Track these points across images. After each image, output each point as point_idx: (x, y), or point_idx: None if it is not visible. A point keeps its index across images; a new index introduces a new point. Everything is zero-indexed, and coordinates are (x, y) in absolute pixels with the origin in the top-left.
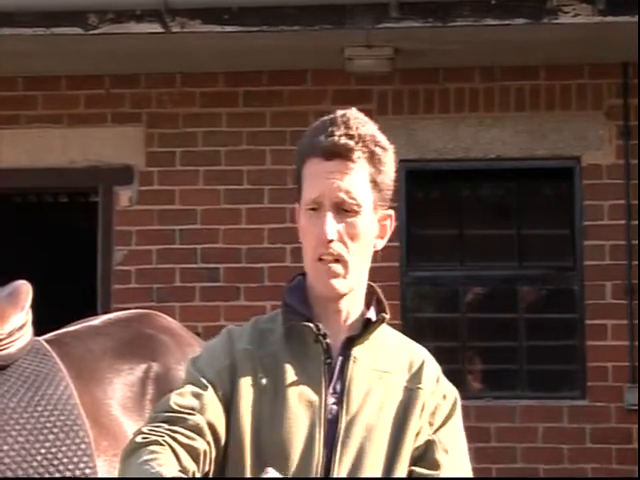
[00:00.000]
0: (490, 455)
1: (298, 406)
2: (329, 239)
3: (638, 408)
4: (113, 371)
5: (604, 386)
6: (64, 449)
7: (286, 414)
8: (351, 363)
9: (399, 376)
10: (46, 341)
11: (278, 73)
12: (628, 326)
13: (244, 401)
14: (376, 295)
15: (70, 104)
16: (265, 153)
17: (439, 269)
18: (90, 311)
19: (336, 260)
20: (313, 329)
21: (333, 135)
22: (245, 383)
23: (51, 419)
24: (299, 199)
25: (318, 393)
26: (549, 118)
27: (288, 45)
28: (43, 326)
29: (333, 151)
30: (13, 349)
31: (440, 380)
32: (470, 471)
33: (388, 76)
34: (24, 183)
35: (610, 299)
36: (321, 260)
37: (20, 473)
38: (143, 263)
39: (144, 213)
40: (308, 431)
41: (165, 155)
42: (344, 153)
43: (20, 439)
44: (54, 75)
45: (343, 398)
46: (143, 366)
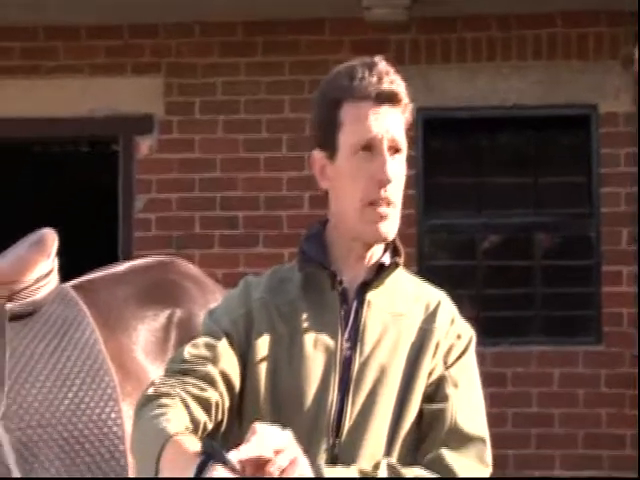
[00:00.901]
0: (506, 400)
1: (314, 351)
2: (389, 180)
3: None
4: (138, 317)
5: (619, 332)
6: (90, 393)
7: (302, 359)
8: (365, 307)
9: (415, 318)
10: (72, 288)
11: (296, 23)
12: (635, 272)
13: (260, 348)
14: (393, 241)
15: (90, 54)
16: (284, 102)
17: (456, 217)
18: (112, 258)
19: (388, 203)
20: (329, 276)
21: (382, 81)
22: (261, 331)
23: (78, 364)
24: (323, 145)
25: (334, 338)
26: (566, 66)
27: None
28: (67, 273)
29: (384, 96)
30: (39, 296)
31: (455, 321)
32: (481, 407)
33: (405, 25)
34: (45, 133)
35: (625, 246)
36: (371, 204)
37: (47, 416)
38: (163, 211)
39: (164, 162)
40: (323, 374)
41: (184, 105)
42: (393, 98)
43: (47, 384)
44: (74, 25)
45: (357, 342)
46: (167, 312)
